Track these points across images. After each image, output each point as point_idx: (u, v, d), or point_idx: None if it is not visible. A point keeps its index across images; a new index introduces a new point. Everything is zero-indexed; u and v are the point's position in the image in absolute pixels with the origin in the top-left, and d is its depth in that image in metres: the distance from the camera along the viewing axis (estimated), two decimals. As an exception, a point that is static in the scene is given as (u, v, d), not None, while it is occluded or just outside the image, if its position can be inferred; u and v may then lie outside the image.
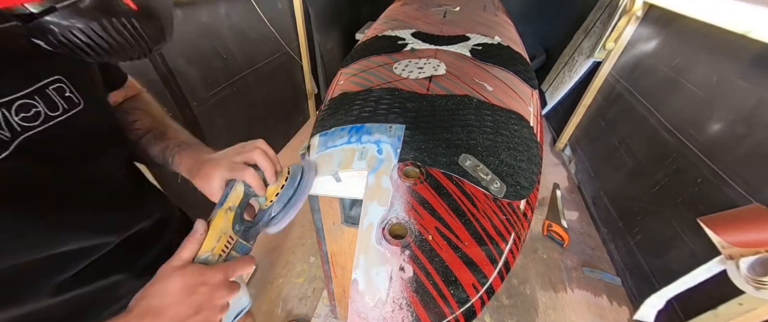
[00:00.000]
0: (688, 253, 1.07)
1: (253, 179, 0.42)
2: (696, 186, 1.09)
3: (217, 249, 0.38)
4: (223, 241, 0.38)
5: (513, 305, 1.27)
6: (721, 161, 1.03)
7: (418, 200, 0.46)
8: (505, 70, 0.89)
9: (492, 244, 0.43)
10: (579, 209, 1.73)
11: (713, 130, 1.09)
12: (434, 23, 1.28)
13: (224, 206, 0.41)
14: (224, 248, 0.38)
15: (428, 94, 0.71)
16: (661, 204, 1.23)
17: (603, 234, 1.55)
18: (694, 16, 1.20)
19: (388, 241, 0.40)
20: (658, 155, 1.30)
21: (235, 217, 0.41)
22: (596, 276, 1.37)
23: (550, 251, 1.49)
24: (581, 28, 2.25)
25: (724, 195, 0.98)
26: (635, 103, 1.51)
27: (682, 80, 1.27)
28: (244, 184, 0.43)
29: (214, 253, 0.37)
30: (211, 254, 0.37)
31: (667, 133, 1.28)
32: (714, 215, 0.93)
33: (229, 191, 0.42)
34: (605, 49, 1.74)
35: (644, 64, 1.54)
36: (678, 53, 1.35)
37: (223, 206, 0.41)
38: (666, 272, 1.14)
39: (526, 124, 0.67)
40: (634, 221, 1.35)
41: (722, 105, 1.08)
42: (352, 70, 0.91)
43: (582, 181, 1.84)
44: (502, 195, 0.48)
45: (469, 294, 0.38)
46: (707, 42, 1.21)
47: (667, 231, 1.16)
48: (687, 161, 1.15)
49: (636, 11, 1.55)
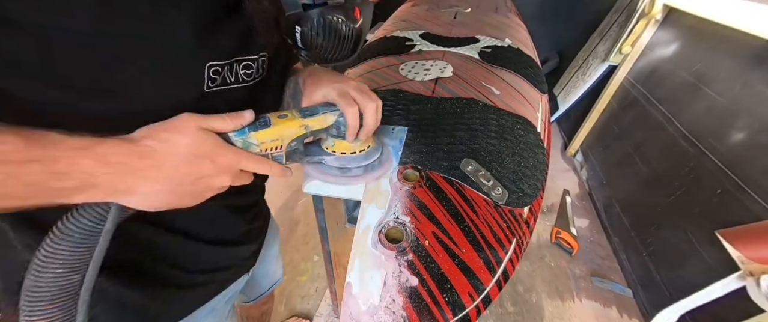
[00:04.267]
0: (705, 267, 1.02)
1: (353, 119, 0.40)
2: (715, 197, 1.04)
3: (261, 146, 0.34)
4: (272, 145, 0.35)
5: (518, 313, 1.24)
6: (742, 172, 0.98)
7: (417, 204, 0.45)
8: (513, 74, 0.87)
9: (491, 251, 0.42)
10: (589, 216, 1.68)
11: (735, 139, 1.04)
12: (444, 24, 1.26)
13: (306, 120, 0.37)
14: (264, 150, 0.35)
15: (433, 97, 0.70)
16: (677, 214, 1.18)
17: (614, 243, 1.50)
18: (717, 20, 1.15)
19: (384, 245, 0.40)
20: (674, 164, 1.25)
21: (304, 136, 0.38)
22: (606, 286, 1.33)
23: (558, 258, 1.46)
24: (596, 32, 2.19)
25: (744, 208, 0.94)
26: (652, 109, 1.46)
27: (703, 87, 1.22)
28: (341, 117, 0.40)
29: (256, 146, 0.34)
30: (251, 143, 0.34)
31: (685, 141, 1.23)
32: (733, 229, 0.89)
33: (322, 110, 0.39)
34: (621, 53, 1.69)
35: (662, 70, 1.48)
36: (699, 59, 1.29)
37: (305, 119, 0.37)
38: (680, 285, 1.09)
39: (532, 130, 0.65)
40: (648, 231, 1.31)
41: (745, 113, 1.03)
42: (358, 70, 0.91)
43: (593, 188, 1.79)
44: (503, 202, 0.47)
45: (465, 302, 0.37)
46: (730, 47, 1.15)
47: (683, 243, 1.12)
48: (706, 170, 1.10)
49: (655, 14, 1.50)
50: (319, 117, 0.39)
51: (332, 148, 0.43)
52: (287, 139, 0.37)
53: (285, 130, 0.36)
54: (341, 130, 0.41)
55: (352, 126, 0.41)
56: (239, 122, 0.33)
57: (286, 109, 0.39)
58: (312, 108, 0.40)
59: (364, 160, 0.45)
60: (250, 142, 0.34)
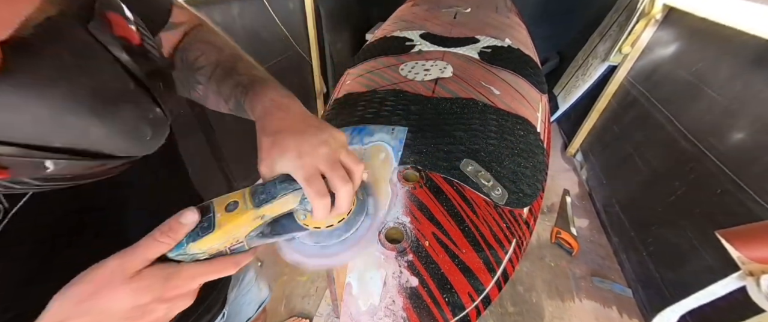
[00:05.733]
0: (705, 266, 1.02)
1: (322, 212, 0.31)
2: (715, 197, 1.04)
3: (210, 251, 0.28)
4: (223, 246, 0.29)
5: (518, 313, 1.24)
6: (743, 172, 0.98)
7: (417, 204, 0.45)
8: (513, 74, 0.87)
9: (491, 252, 0.42)
10: (589, 216, 1.68)
11: (736, 139, 1.04)
12: (444, 24, 1.26)
13: (262, 209, 0.30)
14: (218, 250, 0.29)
15: (433, 97, 0.70)
16: (677, 214, 1.18)
17: (614, 243, 1.49)
18: (717, 19, 1.15)
19: (384, 245, 0.40)
20: (675, 164, 1.25)
21: (262, 226, 0.31)
22: (606, 286, 1.33)
23: (558, 258, 1.45)
24: (596, 32, 2.19)
25: (745, 208, 0.94)
26: (652, 109, 1.46)
27: (703, 87, 1.22)
28: (305, 203, 0.32)
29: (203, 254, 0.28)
30: (197, 252, 0.27)
31: (685, 141, 1.23)
32: (734, 229, 0.88)
33: (281, 191, 0.31)
34: (621, 53, 1.69)
35: (662, 70, 1.48)
36: (699, 58, 1.29)
37: (260, 209, 0.30)
38: (680, 285, 1.09)
39: (532, 130, 0.65)
40: (648, 231, 1.31)
41: (746, 113, 1.03)
42: (358, 70, 0.91)
43: (593, 188, 1.79)
44: (503, 202, 0.47)
45: (465, 302, 0.37)
46: (731, 47, 1.15)
47: (683, 243, 1.12)
48: (706, 170, 1.10)
49: (655, 14, 1.50)
50: (279, 201, 0.30)
51: (304, 220, 0.33)
52: (244, 234, 0.30)
53: (235, 230, 0.29)
54: (308, 209, 0.32)
55: (319, 217, 0.32)
56: (176, 236, 0.26)
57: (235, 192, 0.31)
58: (268, 189, 0.31)
59: (343, 232, 0.36)
60: (193, 254, 0.27)
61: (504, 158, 0.54)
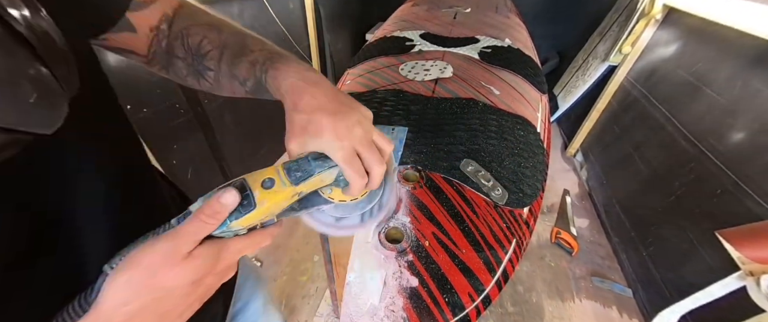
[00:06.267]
0: (705, 266, 1.02)
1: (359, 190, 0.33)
2: (715, 197, 1.04)
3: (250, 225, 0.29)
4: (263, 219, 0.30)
5: (518, 313, 1.24)
6: (742, 172, 0.98)
7: (417, 204, 0.45)
8: (513, 74, 0.87)
9: (491, 252, 0.42)
10: (589, 216, 1.68)
11: (735, 139, 1.04)
12: (444, 24, 1.26)
13: (300, 186, 0.31)
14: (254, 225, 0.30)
15: (433, 97, 0.70)
16: (677, 215, 1.18)
17: (614, 243, 1.50)
18: (717, 19, 1.15)
19: (384, 245, 0.40)
20: (675, 164, 1.25)
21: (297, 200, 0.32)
22: (606, 286, 1.33)
23: (558, 258, 1.46)
24: (596, 32, 2.19)
25: (744, 208, 0.94)
26: (652, 109, 1.46)
27: (703, 87, 1.22)
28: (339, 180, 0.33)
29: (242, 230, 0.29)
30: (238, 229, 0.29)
31: (685, 141, 1.23)
32: (733, 229, 0.89)
33: (317, 168, 0.31)
34: (621, 53, 1.69)
35: (662, 70, 1.48)
36: (699, 58, 1.29)
37: (298, 186, 0.31)
38: (680, 285, 1.09)
39: (532, 130, 0.65)
40: (648, 231, 1.31)
41: (746, 113, 1.03)
42: (358, 70, 0.91)
43: (593, 188, 1.79)
44: (503, 202, 0.47)
45: (465, 302, 0.37)
46: (730, 47, 1.15)
47: (683, 243, 1.12)
48: (706, 170, 1.10)
49: (655, 14, 1.50)
50: (315, 178, 0.31)
51: (330, 194, 0.35)
52: (279, 211, 0.31)
53: (275, 207, 0.30)
54: (341, 185, 0.34)
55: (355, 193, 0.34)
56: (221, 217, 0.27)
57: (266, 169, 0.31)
58: (302, 167, 0.32)
59: (366, 203, 0.38)
60: (235, 230, 0.29)
61: (504, 158, 0.54)
